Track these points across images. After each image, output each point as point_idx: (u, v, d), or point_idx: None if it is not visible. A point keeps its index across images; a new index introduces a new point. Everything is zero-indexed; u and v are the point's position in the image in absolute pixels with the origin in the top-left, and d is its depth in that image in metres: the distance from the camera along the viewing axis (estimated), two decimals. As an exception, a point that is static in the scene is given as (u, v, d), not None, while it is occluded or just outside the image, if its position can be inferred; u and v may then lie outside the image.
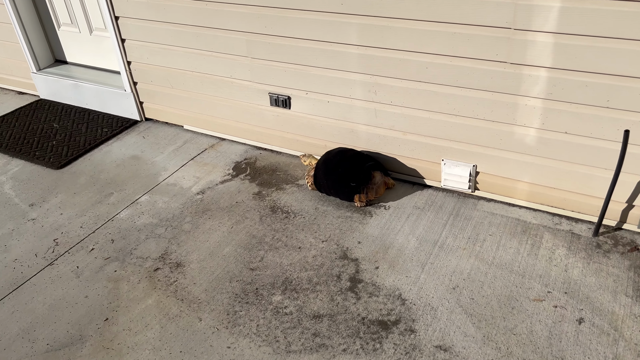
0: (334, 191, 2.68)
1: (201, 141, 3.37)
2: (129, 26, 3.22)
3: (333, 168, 2.65)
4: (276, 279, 2.28)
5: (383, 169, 2.74)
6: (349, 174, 2.61)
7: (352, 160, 2.66)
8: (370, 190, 2.64)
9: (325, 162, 2.70)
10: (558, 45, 2.12)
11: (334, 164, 2.66)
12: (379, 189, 2.67)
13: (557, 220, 2.48)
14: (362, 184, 2.62)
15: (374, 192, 2.65)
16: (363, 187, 2.62)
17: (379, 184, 2.67)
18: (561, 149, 2.34)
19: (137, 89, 3.51)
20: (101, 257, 2.47)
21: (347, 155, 2.68)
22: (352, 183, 2.61)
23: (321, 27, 2.59)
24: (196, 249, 2.48)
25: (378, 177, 2.67)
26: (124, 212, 2.77)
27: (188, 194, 2.87)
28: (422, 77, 2.48)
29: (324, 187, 2.70)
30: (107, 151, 3.32)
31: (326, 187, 2.69)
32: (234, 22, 2.83)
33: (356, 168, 2.63)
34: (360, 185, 2.62)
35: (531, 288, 2.14)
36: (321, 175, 2.68)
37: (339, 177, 2.63)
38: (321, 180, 2.69)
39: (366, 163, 2.66)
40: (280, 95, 2.95)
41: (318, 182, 2.71)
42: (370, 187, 2.64)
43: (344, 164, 2.64)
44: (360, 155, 2.71)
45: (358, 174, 2.62)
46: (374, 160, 2.73)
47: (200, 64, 3.12)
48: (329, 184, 2.66)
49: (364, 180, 2.62)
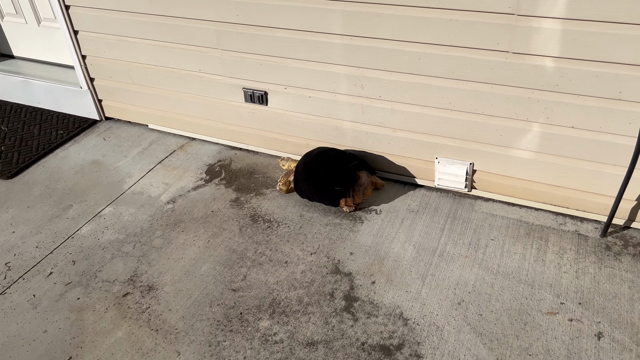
0: (318, 197, 2.44)
1: (169, 142, 3.08)
2: (82, 16, 2.88)
3: (314, 171, 2.40)
4: (262, 300, 2.04)
5: (369, 168, 2.51)
6: (332, 177, 2.38)
7: (334, 161, 2.42)
8: (357, 193, 2.41)
9: (305, 165, 2.45)
10: (567, 33, 1.92)
11: (315, 166, 2.42)
12: (367, 191, 2.45)
13: (561, 220, 2.32)
14: (347, 187, 2.39)
15: (361, 194, 2.42)
16: (349, 190, 2.39)
17: (366, 185, 2.44)
18: (567, 145, 2.16)
19: (94, 86, 3.17)
20: (61, 283, 2.18)
21: (328, 156, 2.44)
22: (337, 187, 2.37)
23: (300, 14, 2.33)
24: (170, 269, 2.22)
25: (364, 177, 2.44)
26: (85, 227, 2.47)
27: (157, 204, 2.59)
28: (414, 69, 2.25)
29: (306, 192, 2.45)
30: (63, 156, 2.99)
31: (308, 193, 2.45)
32: (201, 10, 2.53)
33: (339, 169, 2.39)
34: (345, 188, 2.39)
35: (542, 299, 1.96)
36: (302, 180, 2.44)
37: (321, 181, 2.39)
38: (302, 186, 2.44)
39: (350, 163, 2.43)
40: (255, 90, 2.68)
41: (299, 188, 2.46)
42: (357, 189, 2.41)
43: (326, 166, 2.40)
44: (343, 154, 2.47)
45: (342, 176, 2.38)
46: (357, 159, 2.50)
47: (164, 58, 2.81)
48: (312, 189, 2.42)
49: (349, 182, 2.39)
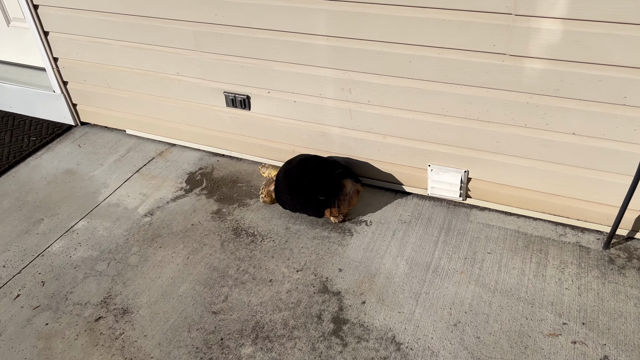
0: (300, 207, 2.30)
1: (147, 148, 2.92)
2: (52, 16, 2.71)
3: (296, 181, 2.26)
4: (245, 324, 1.91)
5: (353, 176, 2.37)
6: (316, 186, 2.24)
7: (318, 170, 2.28)
8: (342, 203, 2.27)
9: (286, 174, 2.31)
10: (568, 34, 1.78)
11: (297, 175, 2.27)
12: (352, 200, 2.31)
13: (560, 231, 2.19)
14: (332, 196, 2.25)
15: (347, 203, 2.29)
16: (334, 200, 2.25)
17: (352, 194, 2.30)
18: (567, 152, 2.04)
19: (68, 90, 3.00)
20: (29, 306, 2.03)
21: (311, 164, 2.30)
22: (321, 196, 2.23)
23: (283, 14, 2.17)
24: (146, 289, 2.07)
25: (349, 185, 2.31)
26: (57, 243, 2.31)
27: (134, 217, 2.43)
28: (405, 72, 2.11)
29: (288, 203, 2.31)
30: (35, 165, 2.83)
31: (291, 204, 2.30)
32: (178, 10, 2.37)
33: (324, 178, 2.25)
34: (330, 198, 2.24)
35: (544, 319, 1.84)
36: (283, 190, 2.29)
37: (304, 191, 2.24)
38: (284, 196, 2.30)
39: (334, 171, 2.29)
40: (237, 94, 2.53)
41: (280, 198, 2.32)
42: (342, 199, 2.27)
43: (309, 175, 2.26)
44: (326, 162, 2.33)
45: (326, 185, 2.24)
46: (342, 166, 2.36)
47: (140, 60, 2.65)
48: (294, 200, 2.28)
49: (334, 191, 2.25)
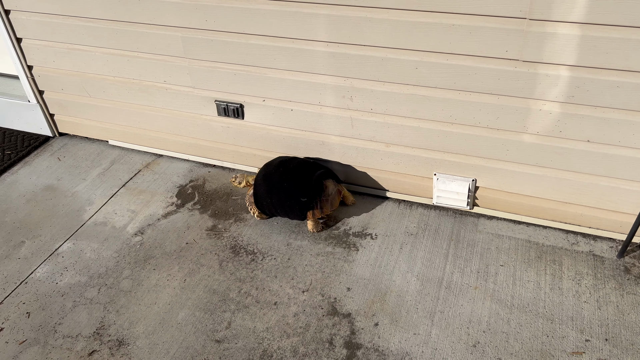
0: (282, 210, 2.21)
1: (133, 159, 2.76)
2: (25, 22, 2.51)
3: (276, 183, 2.18)
4: (251, 353, 1.79)
5: (334, 176, 2.31)
6: (297, 188, 2.16)
7: (299, 171, 2.20)
8: (324, 204, 2.20)
9: (265, 177, 2.21)
10: (585, 39, 1.70)
11: (277, 177, 2.19)
12: (334, 201, 2.23)
13: (572, 239, 2.13)
14: (314, 198, 2.17)
15: (329, 204, 2.21)
16: (316, 201, 2.18)
17: (333, 195, 2.23)
18: (581, 160, 1.96)
19: (44, 99, 2.81)
20: (14, 341, 1.87)
21: (291, 166, 2.22)
22: (303, 198, 2.15)
23: (279, 20, 2.04)
24: (142, 317, 1.93)
25: (331, 186, 2.23)
26: (40, 269, 2.15)
27: (123, 236, 2.28)
28: (411, 79, 2.00)
29: (268, 206, 2.22)
30: (12, 182, 2.64)
31: (271, 207, 2.21)
32: (165, 14, 2.22)
33: (305, 179, 2.17)
34: (312, 200, 2.16)
35: (565, 336, 1.77)
36: (263, 193, 2.20)
37: (285, 192, 2.16)
38: (264, 199, 2.21)
39: (315, 172, 2.21)
40: (230, 103, 2.39)
41: (260, 202, 2.23)
42: (324, 200, 2.20)
43: (290, 177, 2.18)
44: (307, 163, 2.26)
45: (308, 186, 2.16)
46: (323, 167, 2.29)
47: (123, 68, 2.48)
48: (275, 203, 2.19)
49: (315, 192, 2.17)
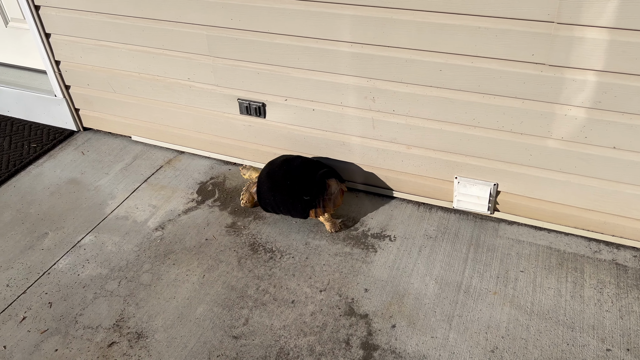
0: (284, 208, 2.22)
1: (155, 155, 2.79)
2: (54, 17, 2.56)
3: (280, 181, 2.19)
4: (268, 350, 1.79)
5: (337, 175, 2.32)
6: (300, 186, 2.17)
7: (302, 170, 2.21)
8: (327, 203, 2.21)
9: (269, 175, 2.23)
10: (614, 44, 1.68)
11: (281, 176, 2.20)
12: (337, 199, 2.25)
13: (595, 247, 2.10)
14: (317, 196, 2.19)
15: (331, 203, 2.22)
16: (319, 200, 2.19)
17: (336, 194, 2.24)
18: (606, 167, 1.94)
19: (70, 94, 2.86)
20: (36, 330, 1.91)
21: (294, 164, 2.23)
22: (306, 197, 2.16)
23: (304, 20, 2.05)
24: (161, 311, 1.95)
25: (334, 185, 2.25)
26: (63, 260, 2.19)
27: (144, 231, 2.31)
28: (434, 81, 2.00)
29: (271, 204, 2.23)
30: (37, 174, 2.69)
31: (274, 205, 2.23)
32: (191, 13, 2.24)
33: (308, 178, 2.19)
34: (315, 198, 2.18)
35: (586, 345, 1.75)
36: (266, 191, 2.22)
37: (288, 191, 2.17)
38: (267, 197, 2.22)
39: (318, 171, 2.23)
40: (252, 101, 2.40)
41: (263, 199, 2.24)
42: (327, 199, 2.21)
43: (293, 175, 2.19)
44: (310, 162, 2.27)
45: (311, 185, 2.18)
46: (326, 166, 2.30)
47: (149, 65, 2.51)
48: (277, 201, 2.20)
49: (318, 191, 2.19)
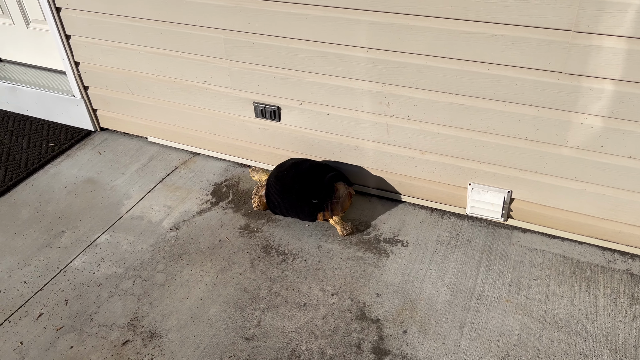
0: (293, 211, 2.24)
1: (170, 157, 2.82)
2: (75, 20, 2.61)
3: (288, 185, 2.21)
4: (280, 352, 1.81)
5: (345, 179, 2.34)
6: (308, 190, 2.19)
7: (310, 173, 2.23)
8: (335, 206, 2.22)
9: (278, 178, 2.25)
10: (633, 53, 1.67)
11: (289, 179, 2.22)
12: (345, 203, 2.26)
13: (609, 257, 2.09)
14: (325, 200, 2.20)
15: (339, 207, 2.23)
16: (327, 203, 2.21)
17: (344, 197, 2.26)
18: (622, 176, 1.93)
19: (88, 95, 2.91)
20: (52, 327, 1.94)
21: (303, 168, 2.25)
22: (314, 200, 2.18)
23: (321, 24, 2.07)
24: (174, 311, 1.97)
25: (342, 189, 2.26)
26: (79, 258, 2.22)
27: (159, 231, 2.34)
28: (450, 87, 2.00)
29: (279, 207, 2.25)
30: (55, 173, 2.73)
31: (282, 208, 2.25)
32: (209, 17, 2.27)
33: (316, 182, 2.21)
34: (323, 202, 2.20)
35: (599, 355, 1.74)
36: (274, 194, 2.24)
37: (296, 194, 2.19)
38: (275, 200, 2.24)
39: (326, 174, 2.25)
40: (267, 105, 2.43)
41: (271, 202, 2.26)
42: (335, 202, 2.23)
43: (301, 179, 2.21)
44: (318, 165, 2.29)
45: (319, 189, 2.19)
46: (334, 169, 2.32)
47: (166, 67, 2.55)
48: (286, 204, 2.22)
49: (326, 194, 2.21)
